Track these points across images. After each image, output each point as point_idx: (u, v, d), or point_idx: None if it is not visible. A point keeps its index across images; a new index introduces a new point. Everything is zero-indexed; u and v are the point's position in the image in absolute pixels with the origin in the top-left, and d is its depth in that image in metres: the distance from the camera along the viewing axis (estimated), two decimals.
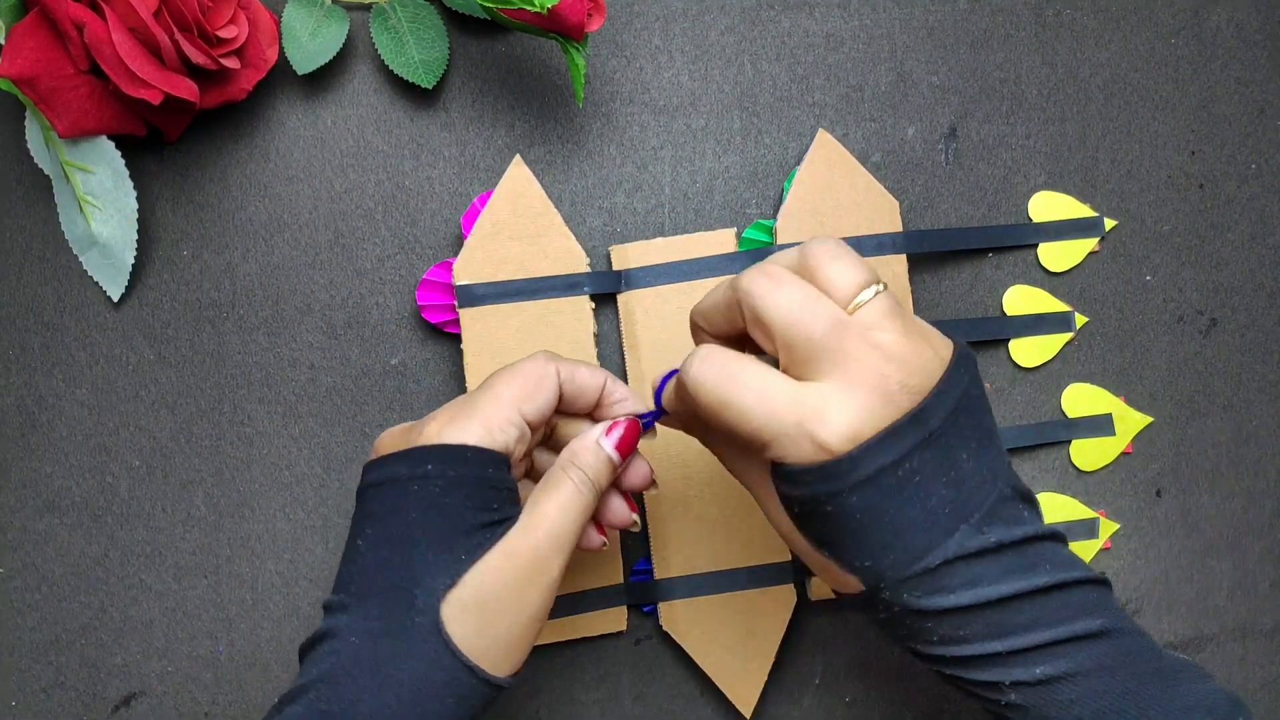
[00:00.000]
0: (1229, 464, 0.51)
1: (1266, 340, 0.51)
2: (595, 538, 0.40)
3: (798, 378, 0.33)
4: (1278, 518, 0.51)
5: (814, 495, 0.32)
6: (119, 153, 0.46)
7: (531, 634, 0.36)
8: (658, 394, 0.39)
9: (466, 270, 0.48)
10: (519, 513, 0.37)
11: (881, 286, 0.34)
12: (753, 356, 0.34)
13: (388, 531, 0.35)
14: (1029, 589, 0.33)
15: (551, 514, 0.36)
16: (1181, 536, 0.51)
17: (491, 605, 0.35)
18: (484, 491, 0.35)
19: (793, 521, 0.35)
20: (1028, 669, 0.33)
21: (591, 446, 0.38)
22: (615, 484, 0.40)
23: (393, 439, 0.38)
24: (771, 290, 0.33)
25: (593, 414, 0.41)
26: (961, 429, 0.34)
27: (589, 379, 0.39)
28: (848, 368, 0.32)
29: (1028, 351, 0.50)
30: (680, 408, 0.38)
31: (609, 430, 0.39)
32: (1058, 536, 0.35)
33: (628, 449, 0.39)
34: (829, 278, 0.34)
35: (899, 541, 0.33)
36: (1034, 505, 0.36)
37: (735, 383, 0.33)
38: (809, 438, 0.32)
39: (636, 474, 0.40)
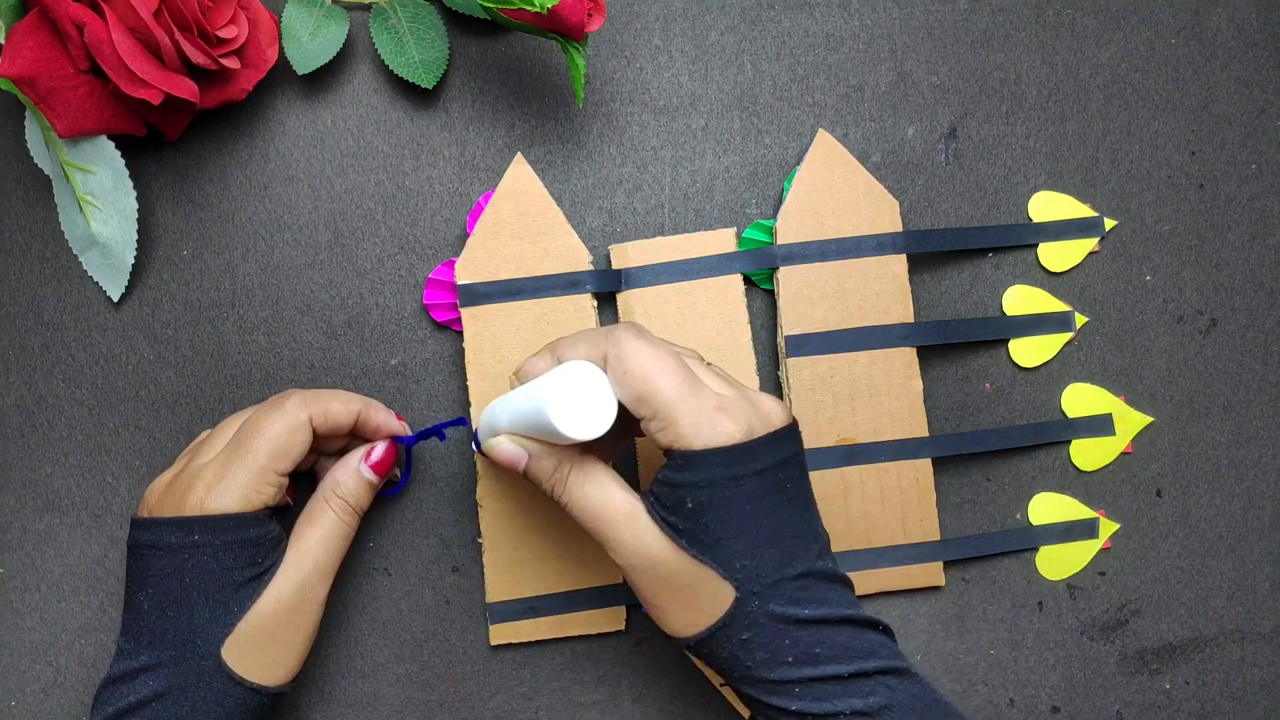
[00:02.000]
0: (1229, 464, 0.51)
1: (1266, 340, 0.51)
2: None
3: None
4: (1278, 519, 0.51)
5: (716, 479, 0.36)
6: (119, 153, 0.46)
7: (306, 648, 0.42)
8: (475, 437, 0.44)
9: (468, 269, 0.48)
10: (283, 553, 0.41)
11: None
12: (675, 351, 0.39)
13: (168, 593, 0.40)
14: (861, 618, 0.39)
15: (317, 551, 0.42)
16: (1181, 537, 0.51)
17: (265, 640, 0.40)
18: (248, 550, 0.40)
19: (665, 532, 0.37)
20: (864, 698, 0.37)
21: (353, 474, 0.43)
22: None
23: (160, 495, 0.42)
24: (659, 364, 0.37)
25: (352, 434, 0.44)
26: (806, 467, 0.40)
27: (342, 414, 0.42)
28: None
29: (1028, 351, 0.50)
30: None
31: (368, 454, 0.43)
32: (851, 585, 0.40)
33: (386, 470, 0.44)
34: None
35: (777, 541, 0.37)
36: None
37: (666, 369, 0.37)
38: (721, 424, 0.36)
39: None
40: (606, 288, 0.48)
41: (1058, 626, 0.50)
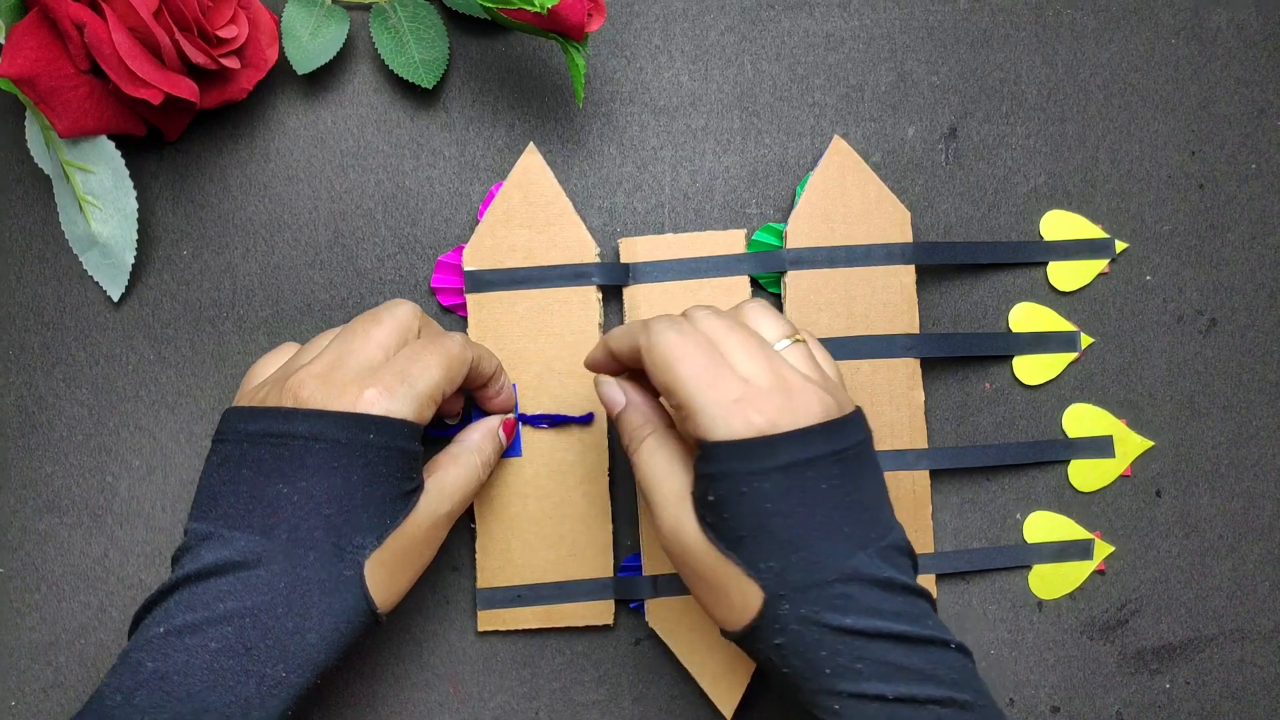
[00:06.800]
0: (1229, 464, 0.51)
1: (1266, 340, 0.51)
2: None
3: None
4: (1278, 519, 0.51)
5: (734, 472, 0.35)
6: (119, 153, 0.46)
7: (413, 582, 0.41)
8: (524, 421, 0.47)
9: (476, 255, 0.48)
10: (423, 481, 0.41)
11: (800, 337, 0.39)
12: (709, 339, 0.38)
13: (331, 488, 0.37)
14: (919, 635, 0.35)
15: (455, 489, 0.42)
16: (1181, 538, 0.51)
17: (400, 564, 0.39)
18: (410, 462, 0.39)
19: (699, 523, 0.37)
20: None
21: (492, 435, 0.45)
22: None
23: (315, 386, 0.38)
24: (682, 352, 0.37)
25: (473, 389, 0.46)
26: (865, 465, 0.37)
27: (487, 368, 0.44)
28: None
29: (1031, 369, 0.50)
30: (613, 365, 0.42)
31: (504, 424, 0.46)
32: (929, 598, 0.37)
33: (510, 437, 0.47)
34: (757, 328, 0.39)
35: (806, 543, 0.35)
36: (915, 565, 0.38)
37: (688, 356, 0.37)
38: (742, 415, 0.35)
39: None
40: (613, 281, 0.48)
41: (1057, 626, 0.50)
